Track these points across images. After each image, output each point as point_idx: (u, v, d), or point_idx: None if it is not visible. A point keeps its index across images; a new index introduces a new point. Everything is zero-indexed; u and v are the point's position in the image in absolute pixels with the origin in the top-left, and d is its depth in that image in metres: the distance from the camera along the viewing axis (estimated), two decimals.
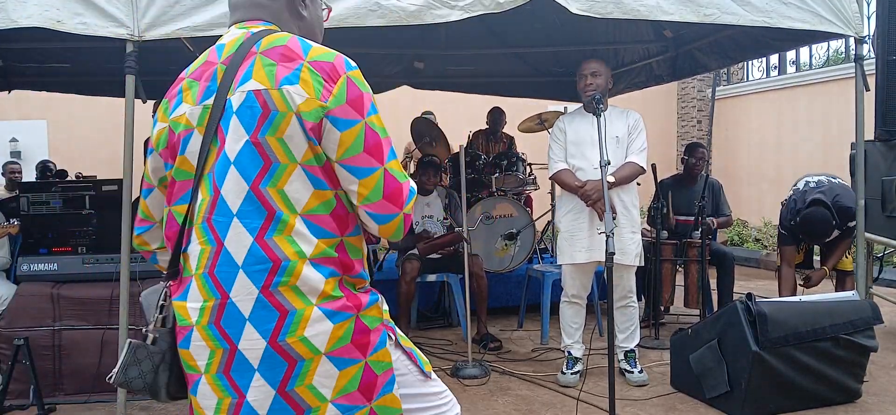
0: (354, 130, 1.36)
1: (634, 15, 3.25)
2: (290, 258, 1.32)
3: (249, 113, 1.33)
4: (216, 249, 1.33)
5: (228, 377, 1.34)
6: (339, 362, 1.34)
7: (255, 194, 1.32)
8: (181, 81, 1.46)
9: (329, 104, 1.34)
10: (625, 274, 3.97)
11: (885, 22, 4.12)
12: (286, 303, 1.31)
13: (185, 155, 1.39)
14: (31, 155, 10.07)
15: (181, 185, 1.40)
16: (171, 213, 1.43)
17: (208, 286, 1.34)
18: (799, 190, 4.71)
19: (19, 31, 3.05)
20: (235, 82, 1.36)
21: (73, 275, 3.81)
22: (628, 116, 3.98)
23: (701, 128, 11.90)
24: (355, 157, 1.36)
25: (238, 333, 1.32)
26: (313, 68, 1.35)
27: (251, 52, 1.39)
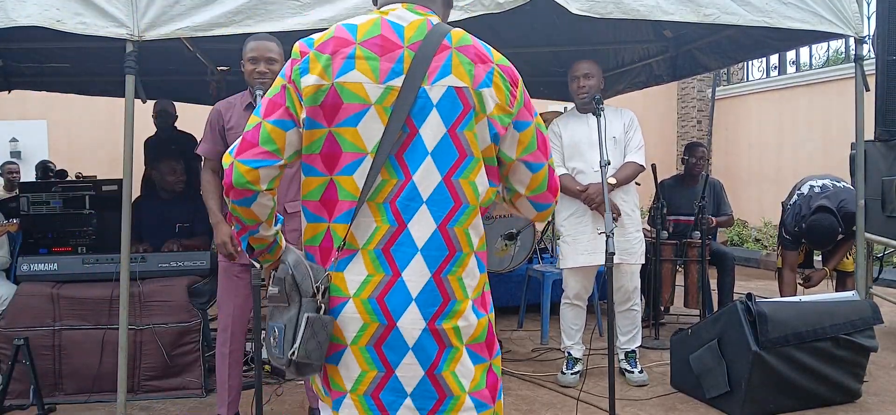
0: (530, 130, 1.50)
1: (634, 15, 3.25)
2: (463, 250, 1.41)
3: (450, 107, 1.39)
4: (396, 230, 1.38)
5: (379, 351, 1.38)
6: (473, 357, 1.43)
7: (446, 185, 1.39)
8: (351, 45, 1.39)
9: (514, 110, 1.46)
10: (630, 274, 3.96)
11: (885, 22, 4.12)
12: (451, 291, 1.39)
13: (358, 129, 1.38)
14: (31, 155, 10.07)
15: (348, 155, 1.39)
16: (334, 182, 1.40)
17: (380, 262, 1.38)
18: (803, 195, 4.67)
19: (19, 31, 3.05)
20: (432, 74, 1.39)
21: (73, 275, 3.81)
22: (623, 114, 3.98)
23: (701, 128, 11.90)
24: (532, 154, 1.50)
25: (400, 310, 1.37)
26: (502, 73, 1.46)
27: (444, 45, 1.42)
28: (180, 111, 6.02)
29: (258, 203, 1.43)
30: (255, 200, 1.43)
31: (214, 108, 3.20)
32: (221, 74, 5.58)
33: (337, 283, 1.39)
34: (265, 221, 1.48)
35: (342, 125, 1.38)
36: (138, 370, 3.76)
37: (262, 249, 1.52)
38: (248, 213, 1.44)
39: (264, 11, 3.02)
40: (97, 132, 10.19)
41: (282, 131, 1.41)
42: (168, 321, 3.77)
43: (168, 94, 6.01)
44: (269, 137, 1.41)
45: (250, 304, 3.01)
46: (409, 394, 1.39)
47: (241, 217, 1.46)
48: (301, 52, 1.43)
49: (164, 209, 4.43)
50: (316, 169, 1.42)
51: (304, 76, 1.39)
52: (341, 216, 1.39)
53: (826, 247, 4.64)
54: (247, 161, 1.40)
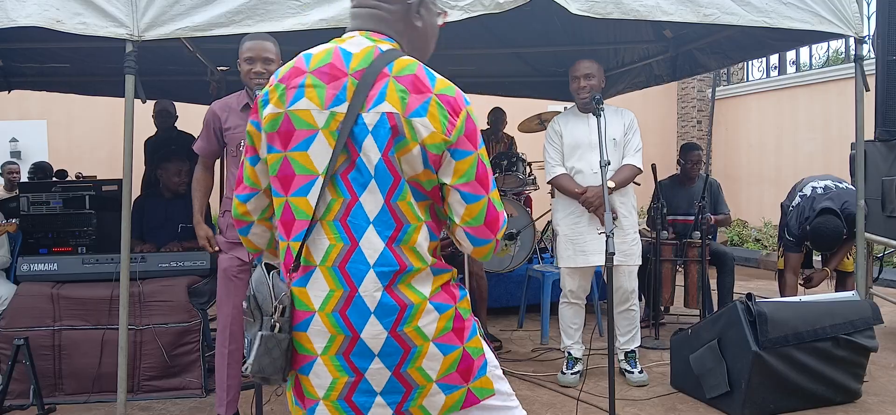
0: (469, 159, 1.53)
1: (634, 15, 3.25)
2: (413, 264, 1.50)
3: (383, 132, 1.47)
4: (349, 248, 1.48)
5: (347, 359, 1.49)
6: (443, 348, 1.52)
7: (387, 207, 1.49)
8: (302, 75, 1.52)
9: (451, 139, 1.50)
10: (628, 275, 3.96)
11: (885, 22, 4.12)
12: (406, 299, 1.49)
13: (308, 153, 1.49)
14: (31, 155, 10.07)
15: (300, 178, 1.50)
16: (289, 203, 1.52)
17: (337, 278, 1.48)
18: (806, 196, 4.67)
19: (19, 31, 3.05)
20: (369, 101, 1.48)
21: (73, 275, 3.81)
22: (623, 115, 3.97)
23: (701, 128, 11.90)
24: (467, 183, 1.53)
25: (362, 323, 1.47)
26: (440, 102, 1.50)
27: (383, 73, 1.50)
28: (180, 111, 6.02)
29: (253, 232, 1.69)
30: (250, 230, 1.69)
31: (210, 108, 3.20)
32: (221, 74, 5.58)
33: (302, 298, 1.51)
34: (267, 250, 1.69)
35: (295, 150, 1.50)
36: (138, 370, 3.76)
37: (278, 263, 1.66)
38: (248, 241, 1.71)
39: (264, 11, 3.02)
40: (97, 132, 10.19)
41: (252, 167, 1.63)
42: (168, 321, 3.77)
43: (168, 94, 6.01)
44: (246, 173, 1.64)
45: None
46: (379, 392, 1.50)
47: (248, 247, 1.74)
48: (268, 85, 1.57)
49: (168, 209, 4.43)
50: (275, 190, 1.55)
51: (266, 107, 1.54)
52: (298, 235, 1.51)
53: (831, 249, 4.64)
54: (238, 196, 1.67)
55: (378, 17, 1.59)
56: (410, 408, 1.52)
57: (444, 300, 1.54)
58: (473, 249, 1.59)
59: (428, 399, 1.52)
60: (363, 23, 1.60)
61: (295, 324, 1.51)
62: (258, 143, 1.58)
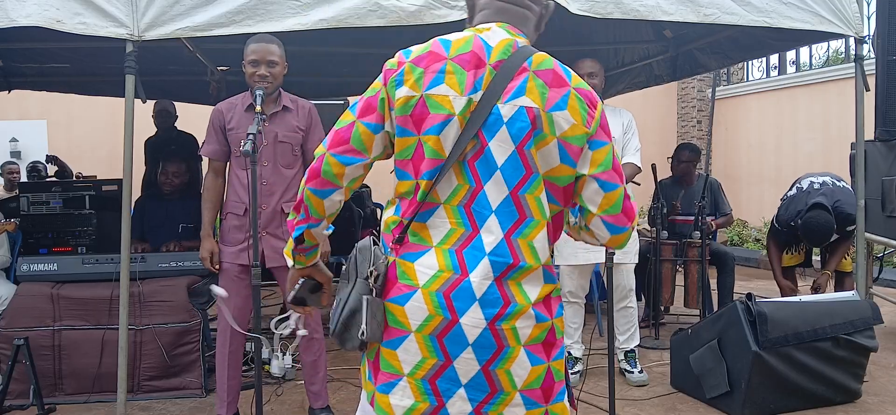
0: (605, 149, 1.55)
1: (634, 15, 3.25)
2: (527, 261, 1.50)
3: (519, 126, 1.48)
4: (470, 234, 1.49)
5: (440, 342, 1.47)
6: (531, 358, 1.51)
7: (512, 199, 1.49)
8: (443, 60, 1.51)
9: (591, 130, 1.53)
10: (624, 272, 3.97)
11: (885, 22, 4.12)
12: (511, 295, 1.48)
13: (440, 137, 1.49)
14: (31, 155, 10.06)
15: (430, 161, 1.50)
16: (418, 185, 1.52)
17: (451, 260, 1.48)
18: (802, 189, 4.68)
19: (19, 31, 3.05)
20: (506, 93, 1.49)
21: (73, 275, 3.81)
22: (621, 115, 3.98)
23: (701, 128, 11.90)
24: (605, 172, 1.55)
25: (464, 308, 1.46)
26: (579, 95, 1.53)
27: (523, 67, 1.51)
28: (180, 111, 6.02)
29: (332, 199, 1.58)
30: (332, 195, 1.57)
31: (216, 108, 3.20)
32: (221, 74, 5.58)
33: (407, 272, 1.50)
34: (327, 218, 1.62)
35: (428, 133, 1.50)
36: (138, 370, 3.76)
37: (309, 246, 1.64)
38: (320, 204, 1.58)
39: (264, 11, 3.02)
40: (97, 132, 10.18)
41: (372, 134, 1.55)
42: (168, 321, 3.77)
43: (168, 94, 6.01)
44: (360, 137, 1.55)
45: (250, 304, 3.01)
46: (464, 385, 1.48)
47: (310, 207, 1.58)
48: (398, 63, 1.55)
49: (168, 209, 4.43)
50: (408, 174, 1.54)
51: (399, 88, 1.51)
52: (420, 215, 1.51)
53: (820, 244, 4.66)
54: (337, 156, 1.55)
55: (522, 16, 1.63)
56: (490, 412, 1.50)
57: (544, 311, 1.53)
58: (610, 238, 1.60)
59: (509, 410, 1.50)
60: (505, 17, 1.61)
61: (393, 296, 1.50)
62: (386, 114, 1.55)
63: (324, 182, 1.56)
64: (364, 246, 1.54)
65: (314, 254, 1.67)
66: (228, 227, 3.17)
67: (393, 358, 1.50)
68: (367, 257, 1.52)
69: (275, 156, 3.12)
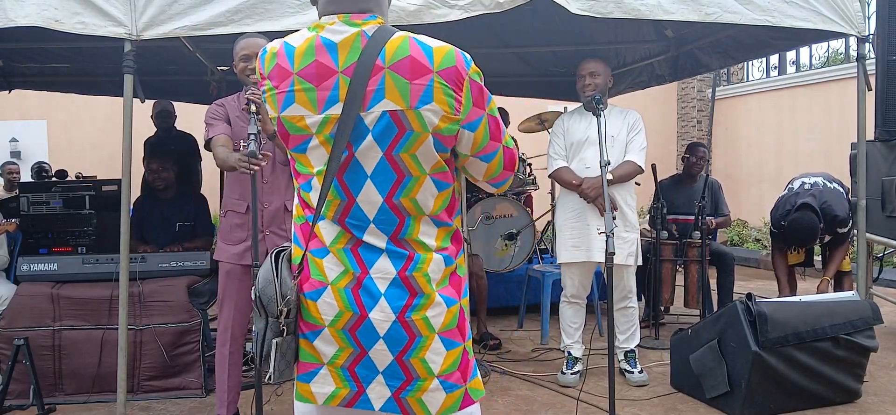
0: (481, 126, 1.50)
1: (635, 14, 3.24)
2: (419, 252, 1.48)
3: (385, 132, 1.42)
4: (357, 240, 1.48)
5: (353, 335, 1.49)
6: (447, 343, 1.51)
7: (388, 206, 1.46)
8: (289, 77, 1.45)
9: (461, 115, 1.46)
10: (623, 274, 3.97)
11: (885, 22, 4.12)
12: (417, 285, 1.47)
13: (307, 155, 1.48)
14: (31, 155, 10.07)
15: (301, 176, 1.52)
16: (300, 190, 1.53)
17: (349, 260, 1.48)
18: (793, 190, 4.71)
19: (19, 31, 3.04)
20: (366, 101, 1.41)
21: (73, 275, 3.81)
22: (627, 115, 3.99)
23: (701, 128, 11.90)
24: (485, 147, 1.52)
25: (371, 304, 1.46)
26: (443, 80, 1.42)
27: (377, 66, 1.41)
28: (180, 111, 6.02)
29: None
30: None
31: (213, 104, 3.18)
32: (221, 74, 5.57)
33: (318, 267, 1.50)
34: None
35: (295, 151, 1.50)
36: (138, 370, 3.75)
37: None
38: None
39: (263, 10, 3.01)
40: (97, 132, 10.19)
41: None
42: (168, 321, 3.77)
43: (168, 94, 6.01)
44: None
45: (251, 304, 3.00)
46: (381, 371, 1.50)
47: None
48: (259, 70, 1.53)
49: (165, 209, 4.43)
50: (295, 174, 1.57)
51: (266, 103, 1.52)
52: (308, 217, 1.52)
53: (807, 245, 4.68)
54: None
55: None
56: (408, 397, 1.51)
57: (452, 294, 1.52)
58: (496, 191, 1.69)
59: (428, 395, 1.51)
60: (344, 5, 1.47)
61: (306, 291, 1.50)
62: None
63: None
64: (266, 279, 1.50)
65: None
66: (229, 225, 3.16)
67: (311, 349, 1.53)
68: (271, 296, 1.49)
69: (274, 154, 3.11)
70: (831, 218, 4.42)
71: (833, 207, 4.42)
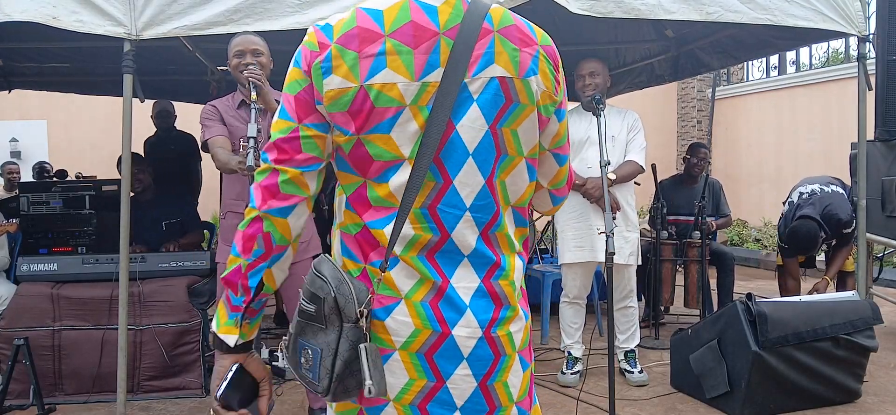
0: (566, 120, 1.38)
1: (635, 14, 3.24)
2: (506, 253, 1.30)
3: (492, 102, 1.23)
4: (439, 239, 1.24)
5: (430, 360, 1.25)
6: (523, 363, 1.33)
7: (488, 188, 1.26)
8: (379, 39, 1.21)
9: (559, 98, 1.32)
10: (623, 273, 3.97)
11: (886, 22, 4.12)
12: (503, 295, 1.28)
13: (391, 135, 1.21)
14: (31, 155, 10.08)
15: (380, 163, 1.23)
16: (368, 185, 1.25)
17: (426, 266, 1.24)
18: (793, 203, 4.76)
19: (19, 31, 3.05)
20: (472, 65, 1.22)
21: (73, 275, 3.81)
22: (626, 115, 3.99)
23: (701, 128, 11.90)
24: (562, 146, 1.39)
25: (455, 318, 1.24)
26: (547, 56, 1.29)
27: (485, 28, 1.24)
28: (180, 111, 6.02)
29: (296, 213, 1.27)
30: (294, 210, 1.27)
31: (207, 105, 3.16)
32: (221, 74, 5.58)
33: (385, 282, 1.24)
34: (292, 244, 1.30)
35: (373, 132, 1.21)
36: (138, 370, 3.75)
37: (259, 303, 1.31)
38: (285, 225, 1.27)
39: (262, 10, 3.01)
40: (97, 132, 10.19)
41: (323, 135, 1.26)
42: (168, 321, 3.77)
43: (168, 93, 6.01)
44: (313, 142, 1.25)
45: None
46: (459, 407, 1.26)
47: (274, 234, 1.25)
48: (320, 45, 1.22)
49: (150, 210, 4.41)
50: (348, 165, 1.26)
51: (328, 78, 1.21)
52: (376, 222, 1.24)
53: (810, 252, 4.71)
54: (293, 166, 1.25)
55: None
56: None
57: (526, 307, 1.35)
58: (552, 208, 1.49)
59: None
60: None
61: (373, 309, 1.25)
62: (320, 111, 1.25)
63: (286, 197, 1.25)
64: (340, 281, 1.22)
65: (259, 319, 1.34)
66: (229, 226, 3.16)
67: None
68: (348, 295, 1.21)
69: None
70: (836, 222, 4.44)
71: (837, 211, 4.44)
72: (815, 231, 4.41)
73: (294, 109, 1.25)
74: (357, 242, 1.27)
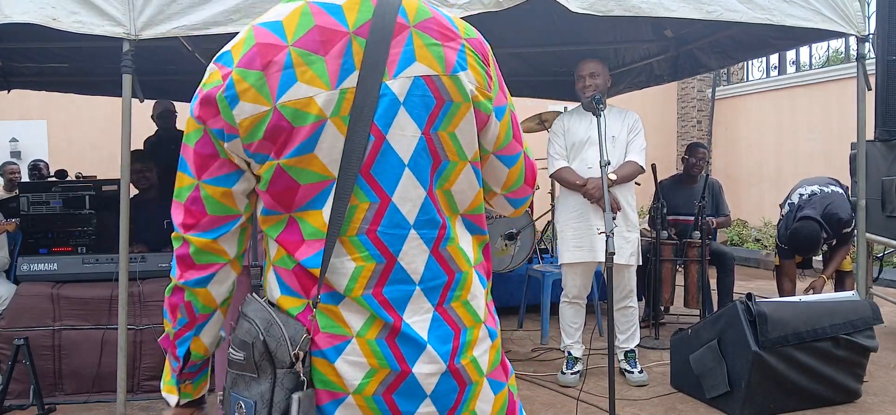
0: (506, 117, 1.23)
1: (635, 12, 3.23)
2: (462, 269, 1.17)
3: (421, 103, 1.11)
4: (385, 267, 1.11)
5: (389, 400, 1.12)
6: (494, 386, 1.22)
7: (430, 200, 1.13)
8: (282, 50, 1.07)
9: (493, 94, 1.19)
10: (624, 274, 3.97)
11: (885, 22, 4.12)
12: (459, 320, 1.16)
13: (315, 153, 1.08)
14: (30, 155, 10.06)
15: (308, 188, 1.10)
16: (293, 221, 1.12)
17: (373, 306, 1.11)
18: (794, 204, 4.76)
19: (18, 31, 3.05)
20: (392, 64, 1.10)
21: (73, 275, 3.81)
22: (626, 116, 4.00)
23: (701, 128, 11.90)
24: (508, 145, 1.24)
25: (415, 356, 1.12)
26: (472, 49, 1.16)
27: (400, 23, 1.11)
28: (180, 111, 6.02)
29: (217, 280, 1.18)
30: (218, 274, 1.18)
31: None
32: None
33: (332, 316, 1.11)
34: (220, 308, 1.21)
35: (294, 155, 1.08)
36: (138, 370, 3.75)
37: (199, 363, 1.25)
38: (207, 295, 1.18)
39: (261, 10, 2.97)
40: (97, 132, 10.19)
41: (227, 188, 1.13)
42: None
43: (168, 93, 6.01)
44: (216, 200, 1.13)
45: None
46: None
47: (195, 303, 1.18)
48: (222, 75, 1.08)
49: (153, 209, 4.40)
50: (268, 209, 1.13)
51: (235, 107, 1.07)
52: (309, 259, 1.11)
53: (812, 253, 4.73)
54: (200, 234, 1.14)
55: None
56: None
57: (493, 324, 1.23)
58: (513, 211, 1.34)
59: None
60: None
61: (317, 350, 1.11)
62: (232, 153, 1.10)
63: (202, 267, 1.15)
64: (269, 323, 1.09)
65: (205, 375, 1.27)
66: None
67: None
68: (279, 337, 1.08)
69: None
70: (836, 222, 4.45)
71: (837, 211, 4.45)
72: (818, 232, 4.41)
73: (193, 163, 1.13)
74: (295, 275, 1.13)
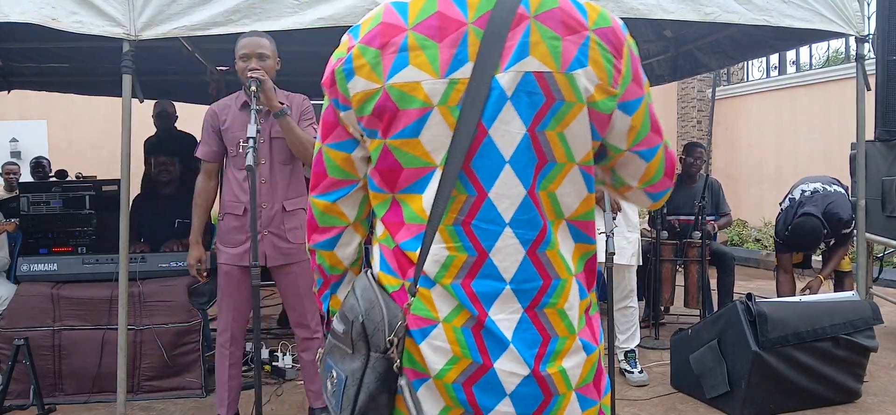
0: (641, 109, 1.16)
1: (634, 14, 3.24)
2: (560, 276, 1.12)
3: (528, 100, 1.07)
4: (475, 260, 1.10)
5: (468, 391, 1.11)
6: (583, 402, 1.16)
7: (531, 200, 1.10)
8: (401, 33, 1.09)
9: (619, 90, 1.13)
10: (624, 274, 3.97)
11: (885, 22, 4.12)
12: (550, 328, 1.12)
13: (419, 140, 1.09)
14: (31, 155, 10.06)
15: (410, 172, 1.11)
16: (397, 201, 1.14)
17: (461, 297, 1.10)
18: (795, 199, 4.75)
19: (18, 31, 3.05)
20: (505, 57, 1.07)
21: (73, 275, 3.81)
22: None
23: (701, 128, 11.90)
24: (645, 139, 1.18)
25: (498, 352, 1.10)
26: (600, 41, 1.11)
27: (520, 14, 1.08)
28: (180, 111, 6.01)
29: (342, 243, 1.24)
30: (341, 239, 1.24)
31: (209, 109, 3.18)
32: (220, 74, 5.58)
33: (423, 301, 1.11)
34: (351, 269, 1.27)
35: (399, 136, 1.09)
36: (138, 370, 3.75)
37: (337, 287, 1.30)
38: (333, 257, 1.25)
39: (261, 10, 3.01)
40: (97, 132, 10.20)
41: (346, 154, 1.18)
42: (168, 321, 3.77)
43: (167, 94, 6.00)
44: (335, 164, 1.19)
45: (250, 304, 3.00)
46: None
47: (324, 265, 1.25)
48: (347, 47, 1.13)
49: (162, 206, 4.42)
50: (375, 184, 1.16)
51: (351, 80, 1.12)
52: (409, 242, 1.12)
53: (812, 249, 4.73)
54: (321, 195, 1.22)
55: None
56: None
57: (590, 338, 1.17)
58: (652, 204, 1.29)
59: None
60: None
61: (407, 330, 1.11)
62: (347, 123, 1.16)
63: (325, 230, 1.23)
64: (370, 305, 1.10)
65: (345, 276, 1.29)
66: (227, 227, 3.16)
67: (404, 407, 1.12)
68: (378, 323, 1.09)
69: (271, 154, 3.10)
70: (837, 222, 4.45)
71: (838, 210, 4.45)
72: (819, 229, 4.41)
73: (321, 127, 1.21)
74: (395, 256, 1.15)
